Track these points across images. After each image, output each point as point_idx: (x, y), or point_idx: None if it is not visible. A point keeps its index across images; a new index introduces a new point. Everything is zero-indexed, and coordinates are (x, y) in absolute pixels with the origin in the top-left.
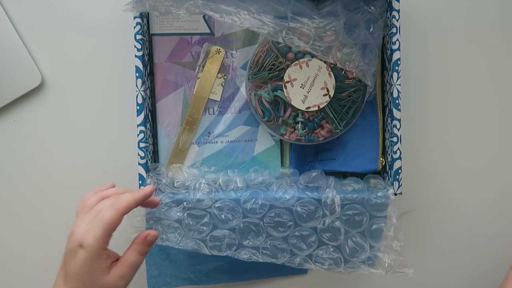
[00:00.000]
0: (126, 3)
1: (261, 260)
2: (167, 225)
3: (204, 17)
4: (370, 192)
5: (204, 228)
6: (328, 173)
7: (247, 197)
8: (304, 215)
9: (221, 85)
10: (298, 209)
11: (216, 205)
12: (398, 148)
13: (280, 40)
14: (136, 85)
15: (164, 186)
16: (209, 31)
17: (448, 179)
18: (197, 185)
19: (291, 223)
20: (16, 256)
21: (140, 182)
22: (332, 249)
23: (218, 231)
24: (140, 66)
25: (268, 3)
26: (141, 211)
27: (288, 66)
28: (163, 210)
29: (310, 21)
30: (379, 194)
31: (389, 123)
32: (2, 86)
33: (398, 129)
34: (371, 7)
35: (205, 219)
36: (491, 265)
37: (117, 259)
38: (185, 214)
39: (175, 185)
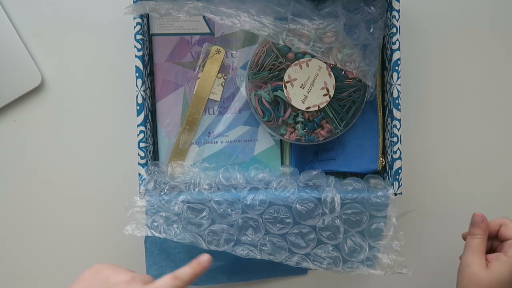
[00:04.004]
0: (127, 6)
1: (258, 257)
2: (166, 217)
3: (204, 17)
4: (370, 191)
5: (203, 221)
6: (328, 173)
7: (247, 193)
8: (304, 212)
9: (221, 85)
10: (298, 206)
11: (215, 199)
12: (398, 148)
13: (281, 42)
14: (136, 85)
15: (164, 181)
16: (209, 31)
17: (448, 179)
18: (197, 180)
19: (290, 220)
20: (15, 256)
21: (140, 182)
22: (331, 248)
23: (217, 226)
24: (140, 66)
25: (268, 4)
26: (140, 202)
27: (288, 66)
28: (162, 202)
29: (310, 22)
30: (379, 193)
31: (389, 123)
32: (2, 86)
33: (398, 129)
34: (371, 8)
35: (204, 213)
36: None
37: None
38: (185, 207)
39: (175, 180)
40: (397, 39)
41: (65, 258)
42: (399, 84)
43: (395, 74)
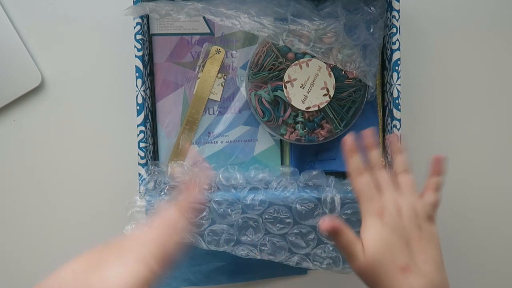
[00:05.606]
0: (127, 7)
1: (258, 257)
2: None
3: (204, 16)
4: None
5: (203, 222)
6: (328, 173)
7: (247, 193)
8: (304, 212)
9: (221, 85)
10: (298, 206)
11: (215, 199)
12: None
13: (281, 43)
14: (136, 85)
15: (164, 181)
16: (209, 31)
17: (448, 178)
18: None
19: (290, 220)
20: (15, 256)
21: (140, 182)
22: (331, 248)
23: (217, 226)
24: (140, 66)
25: (268, 5)
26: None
27: (288, 66)
28: (162, 202)
29: (310, 22)
30: None
31: (389, 123)
32: (2, 86)
33: (398, 129)
34: (371, 8)
35: (204, 213)
36: (493, 263)
37: None
38: None
39: (175, 180)
40: (397, 39)
41: (65, 258)
42: (399, 84)
43: (395, 74)
